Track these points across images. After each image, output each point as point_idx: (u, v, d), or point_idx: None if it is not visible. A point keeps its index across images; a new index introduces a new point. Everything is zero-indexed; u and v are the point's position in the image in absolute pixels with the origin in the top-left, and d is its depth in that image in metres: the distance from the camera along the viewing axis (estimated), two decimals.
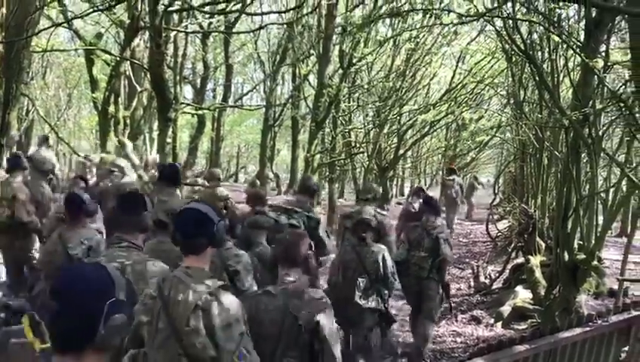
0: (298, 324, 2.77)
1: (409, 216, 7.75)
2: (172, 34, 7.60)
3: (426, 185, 21.84)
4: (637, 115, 3.69)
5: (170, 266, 2.97)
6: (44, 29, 6.16)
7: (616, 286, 6.80)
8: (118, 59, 8.68)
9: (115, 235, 3.24)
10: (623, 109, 4.94)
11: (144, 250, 3.33)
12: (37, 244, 5.53)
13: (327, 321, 2.87)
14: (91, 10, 6.43)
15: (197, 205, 2.77)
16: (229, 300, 2.46)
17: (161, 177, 5.02)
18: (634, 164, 7.33)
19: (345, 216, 5.70)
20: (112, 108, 8.92)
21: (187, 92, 18.06)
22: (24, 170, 5.82)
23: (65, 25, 7.97)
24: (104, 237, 4.55)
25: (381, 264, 4.79)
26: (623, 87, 6.03)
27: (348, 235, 5.26)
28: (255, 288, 3.64)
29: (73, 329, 1.62)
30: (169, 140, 7.87)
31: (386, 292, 4.85)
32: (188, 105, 9.69)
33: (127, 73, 9.74)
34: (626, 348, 5.16)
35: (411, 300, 5.84)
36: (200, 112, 12.13)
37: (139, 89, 9.96)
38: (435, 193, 13.42)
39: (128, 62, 8.93)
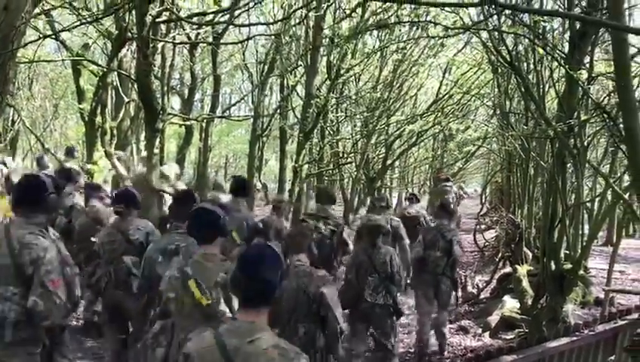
0: (308, 297, 3.44)
1: (405, 221, 7.93)
2: (160, 45, 7.58)
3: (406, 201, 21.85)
4: (621, 126, 3.74)
5: None
6: (31, 42, 6.11)
7: (602, 296, 6.84)
8: (105, 70, 8.64)
9: (174, 224, 4.15)
10: (607, 120, 5.00)
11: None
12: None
13: (329, 292, 3.64)
14: (79, 23, 6.41)
15: (205, 205, 3.68)
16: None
17: (231, 190, 5.56)
18: (618, 175, 7.40)
19: (362, 223, 6.18)
20: (98, 119, 8.86)
21: (175, 102, 17.99)
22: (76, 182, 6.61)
23: (52, 37, 7.93)
24: None
25: (389, 264, 5.31)
26: (607, 98, 6.12)
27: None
28: None
29: (261, 292, 2.23)
30: (156, 151, 7.83)
31: (394, 288, 5.35)
32: (175, 115, 9.66)
33: (115, 84, 9.68)
34: (613, 357, 5.19)
35: (429, 293, 6.44)
36: (188, 123, 12.10)
37: (126, 100, 9.91)
38: (423, 202, 13.46)
39: (115, 72, 8.89)
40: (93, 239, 5.06)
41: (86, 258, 5.16)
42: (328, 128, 13.42)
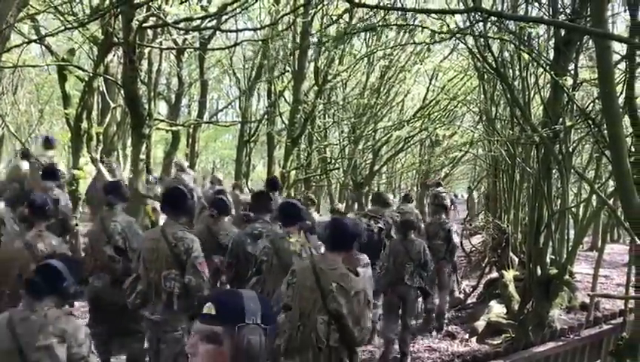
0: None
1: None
2: (146, 50, 7.56)
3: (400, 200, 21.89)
4: (605, 132, 3.78)
5: None
6: (16, 46, 6.07)
7: (588, 300, 6.89)
8: (91, 75, 8.59)
9: (255, 215, 5.29)
10: (592, 126, 5.05)
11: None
12: None
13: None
14: (64, 28, 6.37)
15: (290, 201, 5.30)
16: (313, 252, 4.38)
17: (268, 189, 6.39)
18: (603, 180, 7.47)
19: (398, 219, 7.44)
20: (84, 125, 8.79)
21: (162, 108, 17.92)
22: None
23: (37, 41, 7.86)
24: None
25: (422, 253, 6.43)
26: (592, 104, 6.17)
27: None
28: None
29: (341, 242, 3.62)
30: (143, 156, 7.80)
31: (425, 274, 6.45)
32: (162, 121, 9.63)
33: (101, 89, 9.63)
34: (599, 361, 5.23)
35: (431, 276, 7.07)
36: (174, 128, 12.07)
37: (112, 105, 9.86)
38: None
39: (102, 78, 8.84)
40: None
41: None
42: (316, 134, 13.42)
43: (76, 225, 6.77)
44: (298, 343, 3.43)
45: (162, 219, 5.29)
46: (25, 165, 7.70)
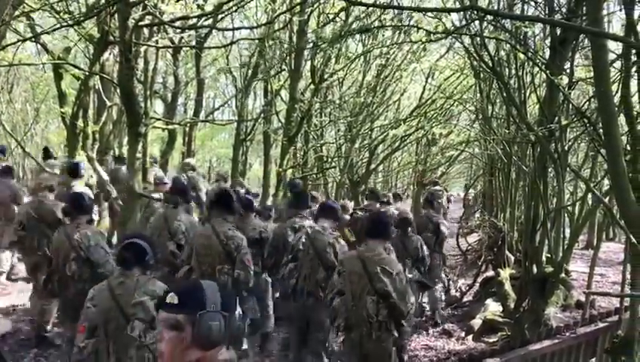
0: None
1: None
2: (142, 48, 7.54)
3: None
4: (600, 131, 3.79)
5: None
6: (11, 44, 6.05)
7: (583, 299, 6.91)
8: (87, 73, 8.57)
9: (295, 211, 5.92)
10: (588, 125, 5.06)
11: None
12: None
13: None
14: (59, 26, 6.35)
15: (329, 202, 5.90)
16: (342, 243, 5.13)
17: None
18: (598, 179, 7.49)
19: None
20: (80, 123, 8.77)
21: (158, 106, 17.88)
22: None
23: (32, 40, 7.83)
24: None
25: (420, 249, 6.79)
26: (588, 103, 6.19)
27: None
28: None
29: (381, 232, 4.33)
30: (139, 155, 7.77)
31: (422, 268, 6.84)
32: (158, 119, 9.61)
33: (97, 88, 9.60)
34: (594, 359, 5.25)
35: (421, 268, 7.39)
36: (171, 127, 12.04)
37: (108, 104, 9.83)
38: (406, 205, 13.51)
39: (97, 76, 8.81)
40: None
41: None
42: (312, 133, 13.41)
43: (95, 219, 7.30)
44: (353, 320, 4.13)
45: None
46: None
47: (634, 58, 3.71)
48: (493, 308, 7.68)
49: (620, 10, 5.15)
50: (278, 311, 6.06)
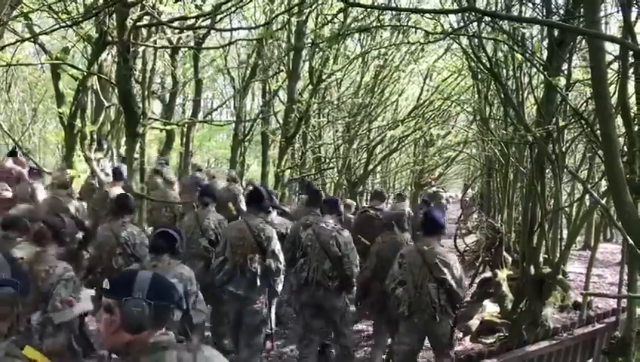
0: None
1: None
2: (140, 49, 7.53)
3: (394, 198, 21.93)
4: (598, 132, 3.80)
5: None
6: (9, 45, 6.04)
7: (581, 299, 6.92)
8: (85, 73, 8.55)
9: (308, 209, 6.60)
10: (585, 126, 5.07)
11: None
12: None
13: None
14: (57, 26, 6.34)
15: (332, 198, 7.13)
16: (345, 234, 5.53)
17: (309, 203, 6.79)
18: (596, 180, 7.51)
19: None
20: (78, 123, 8.75)
21: (156, 107, 17.84)
22: None
23: (30, 40, 7.82)
24: None
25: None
26: (585, 104, 6.21)
27: None
28: None
29: (434, 229, 4.98)
30: (137, 155, 7.75)
31: None
32: (156, 120, 9.59)
33: (95, 88, 9.60)
34: (591, 360, 5.25)
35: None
36: (169, 127, 12.01)
37: (106, 104, 9.83)
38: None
39: (95, 76, 8.80)
40: None
41: None
42: (310, 133, 13.43)
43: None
44: (416, 306, 4.70)
45: None
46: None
47: (631, 60, 3.72)
48: (490, 308, 7.68)
49: (618, 11, 5.17)
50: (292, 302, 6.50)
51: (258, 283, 5.13)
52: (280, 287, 5.43)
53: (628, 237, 2.96)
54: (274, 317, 6.27)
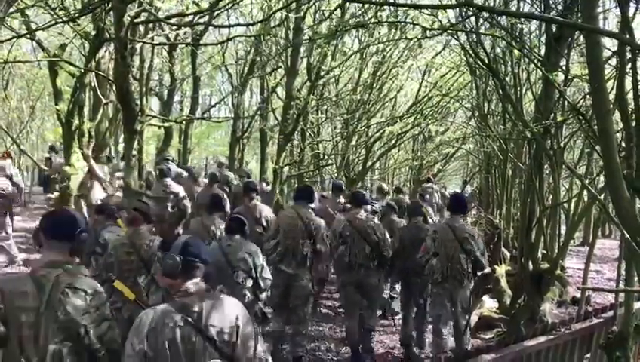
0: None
1: None
2: (138, 46, 7.51)
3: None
4: (595, 128, 3.80)
5: None
6: (5, 40, 6.03)
7: (579, 295, 6.94)
8: (82, 70, 8.54)
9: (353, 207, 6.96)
10: (583, 122, 5.07)
11: None
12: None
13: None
14: (54, 22, 6.32)
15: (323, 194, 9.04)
16: (377, 221, 6.67)
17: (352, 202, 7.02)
18: (594, 175, 7.51)
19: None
20: (76, 121, 8.74)
21: (154, 104, 17.82)
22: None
23: (27, 36, 7.79)
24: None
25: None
26: (583, 100, 6.21)
27: None
28: None
29: (465, 206, 6.32)
30: (135, 152, 7.76)
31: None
32: (154, 117, 9.59)
33: (92, 85, 9.58)
34: (589, 355, 5.26)
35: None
36: (167, 124, 12.01)
37: (104, 101, 9.81)
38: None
39: (93, 73, 8.78)
40: None
41: None
42: (309, 130, 13.40)
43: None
44: (448, 273, 5.62)
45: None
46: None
47: (629, 55, 3.72)
48: (489, 304, 7.71)
49: (616, 7, 5.16)
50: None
51: (307, 263, 5.93)
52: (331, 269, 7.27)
53: (624, 232, 2.97)
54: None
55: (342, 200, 9.07)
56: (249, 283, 4.72)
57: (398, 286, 7.72)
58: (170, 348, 2.49)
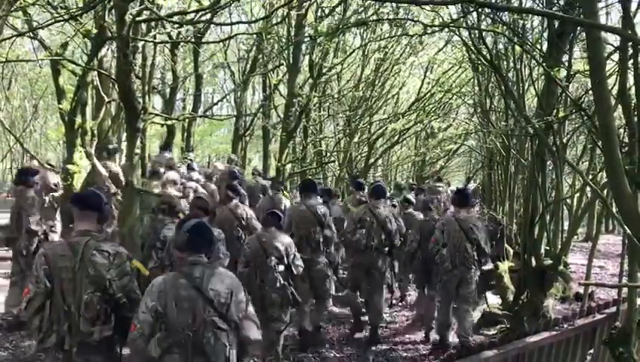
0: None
1: None
2: (140, 44, 7.51)
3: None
4: (597, 123, 3.80)
5: None
6: (6, 38, 6.04)
7: (582, 291, 6.93)
8: (85, 69, 8.54)
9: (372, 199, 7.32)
10: (585, 117, 5.07)
11: None
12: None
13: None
14: (54, 20, 6.32)
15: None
16: (395, 212, 7.42)
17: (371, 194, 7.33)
18: (597, 171, 7.50)
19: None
20: (79, 119, 8.74)
21: (156, 102, 17.84)
22: None
23: (29, 35, 7.80)
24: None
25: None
26: (585, 95, 6.20)
27: None
28: None
29: (469, 200, 6.60)
30: (138, 151, 7.75)
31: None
32: (157, 115, 9.57)
33: (95, 83, 9.57)
34: (592, 351, 5.27)
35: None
36: (169, 122, 12.02)
37: (106, 99, 9.80)
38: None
39: (95, 72, 8.78)
40: None
41: None
42: (311, 127, 13.43)
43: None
44: (457, 261, 6.12)
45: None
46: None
47: (631, 50, 3.71)
48: (492, 300, 7.70)
49: (618, 2, 5.15)
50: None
51: (321, 248, 6.49)
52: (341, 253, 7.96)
53: (626, 227, 2.97)
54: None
55: (362, 195, 9.21)
56: (281, 268, 5.30)
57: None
58: (177, 305, 3.17)
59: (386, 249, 6.79)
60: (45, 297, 3.36)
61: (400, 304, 8.50)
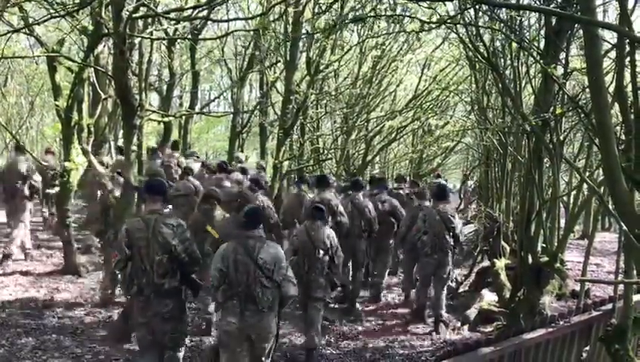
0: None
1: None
2: (137, 40, 7.49)
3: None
4: (594, 121, 3.80)
5: None
6: (2, 35, 6.01)
7: (578, 288, 6.94)
8: (81, 65, 8.51)
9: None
10: (582, 115, 5.07)
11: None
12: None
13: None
14: (50, 16, 6.29)
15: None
16: (369, 207, 8.15)
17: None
18: (594, 168, 7.51)
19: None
20: (75, 116, 8.71)
21: (153, 99, 17.79)
22: None
23: (25, 31, 7.77)
24: None
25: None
26: (582, 93, 6.20)
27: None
28: None
29: (447, 194, 7.88)
30: (134, 148, 7.73)
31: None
32: (154, 112, 9.56)
33: (92, 80, 9.55)
34: (588, 348, 5.27)
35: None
36: (166, 119, 11.99)
37: (103, 96, 9.78)
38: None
39: (92, 69, 8.76)
40: None
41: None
42: (308, 124, 13.40)
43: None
44: (437, 248, 7.20)
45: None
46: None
47: (628, 48, 3.71)
48: (488, 298, 7.72)
49: None
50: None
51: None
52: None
53: (622, 224, 2.97)
54: None
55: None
56: (326, 258, 6.01)
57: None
58: (235, 267, 4.42)
59: (366, 234, 7.82)
60: (127, 260, 4.58)
61: (400, 303, 8.50)
